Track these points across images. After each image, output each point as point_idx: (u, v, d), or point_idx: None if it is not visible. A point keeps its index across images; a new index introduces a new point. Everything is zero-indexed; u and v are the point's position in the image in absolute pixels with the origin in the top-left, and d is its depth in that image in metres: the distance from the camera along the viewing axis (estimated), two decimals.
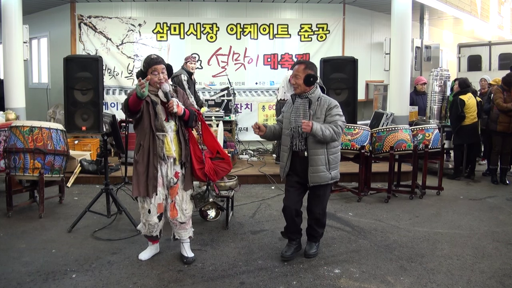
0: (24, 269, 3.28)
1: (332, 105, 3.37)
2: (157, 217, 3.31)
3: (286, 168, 3.50)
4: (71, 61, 6.92)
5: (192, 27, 8.39)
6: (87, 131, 6.96)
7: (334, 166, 3.43)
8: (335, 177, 3.45)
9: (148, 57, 3.26)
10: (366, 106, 9.39)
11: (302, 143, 3.40)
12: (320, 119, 3.35)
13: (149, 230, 3.37)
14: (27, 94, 7.52)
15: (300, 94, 3.43)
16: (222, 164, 3.50)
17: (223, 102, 7.61)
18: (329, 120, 3.34)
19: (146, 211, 3.30)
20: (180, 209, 3.33)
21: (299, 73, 3.39)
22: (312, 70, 3.40)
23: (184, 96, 3.43)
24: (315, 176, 3.37)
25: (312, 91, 3.41)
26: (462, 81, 6.43)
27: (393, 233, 4.14)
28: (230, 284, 3.09)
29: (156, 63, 3.19)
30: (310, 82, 3.36)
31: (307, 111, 3.38)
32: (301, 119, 3.37)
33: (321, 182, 3.38)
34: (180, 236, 3.44)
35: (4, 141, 4.83)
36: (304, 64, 3.44)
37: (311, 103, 3.39)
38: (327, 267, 3.37)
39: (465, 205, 5.17)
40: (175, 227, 3.42)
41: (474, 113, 6.27)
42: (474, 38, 12.92)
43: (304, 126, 3.23)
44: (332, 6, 8.69)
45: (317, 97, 3.41)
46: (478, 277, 3.22)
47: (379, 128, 5.56)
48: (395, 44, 7.37)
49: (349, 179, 6.08)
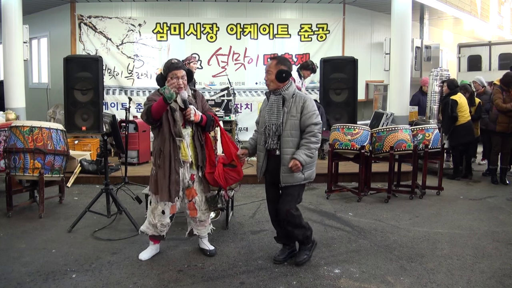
0: (24, 269, 3.27)
1: (308, 104, 3.23)
2: (169, 217, 3.43)
3: (263, 168, 3.38)
4: (71, 61, 6.93)
5: (192, 27, 8.39)
6: (87, 131, 6.97)
7: (309, 166, 3.27)
8: (308, 177, 3.31)
9: (168, 61, 3.26)
10: (366, 106, 9.39)
11: (274, 141, 3.28)
12: (295, 117, 3.21)
13: (160, 230, 3.45)
14: (27, 94, 7.52)
15: (274, 91, 3.31)
16: (232, 173, 3.46)
17: (223, 102, 7.62)
18: (305, 122, 3.20)
19: (160, 212, 3.38)
20: (199, 209, 3.47)
21: (271, 69, 3.26)
22: (285, 65, 3.26)
23: (203, 99, 3.46)
24: (287, 176, 3.24)
25: (286, 88, 3.28)
26: (450, 82, 6.39)
27: (393, 233, 4.14)
28: (230, 284, 3.09)
29: (176, 68, 3.20)
30: (282, 78, 3.23)
31: (281, 109, 3.26)
32: (275, 117, 3.26)
33: (293, 182, 3.25)
34: (199, 232, 3.58)
35: (4, 141, 4.83)
36: (276, 59, 3.31)
37: (285, 100, 3.26)
38: (327, 267, 3.36)
39: (465, 205, 5.17)
40: (194, 224, 3.56)
41: (467, 111, 6.24)
42: (474, 38, 12.93)
43: (294, 169, 3.14)
44: (332, 6, 8.70)
45: (291, 93, 3.27)
46: (478, 277, 3.22)
47: (379, 128, 5.56)
48: (395, 44, 7.38)
49: (349, 179, 6.08)
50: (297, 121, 3.23)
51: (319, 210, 4.89)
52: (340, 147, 5.18)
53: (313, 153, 3.21)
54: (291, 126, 3.23)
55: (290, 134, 3.23)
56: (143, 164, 6.57)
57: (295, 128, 3.23)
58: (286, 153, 3.23)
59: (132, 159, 6.50)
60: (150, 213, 3.45)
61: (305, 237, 3.40)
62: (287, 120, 3.23)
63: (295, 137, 3.24)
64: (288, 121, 3.23)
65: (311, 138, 3.19)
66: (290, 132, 3.23)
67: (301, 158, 3.15)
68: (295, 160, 3.15)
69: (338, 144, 5.19)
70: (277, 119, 3.26)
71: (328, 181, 5.38)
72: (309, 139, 3.19)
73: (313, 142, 3.19)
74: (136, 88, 8.37)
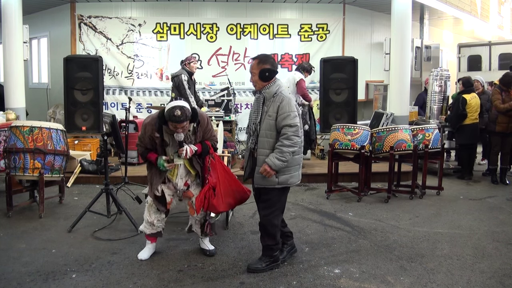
0: (24, 269, 3.28)
1: (284, 104, 3.10)
2: (164, 213, 3.53)
3: (248, 168, 3.34)
4: (71, 61, 6.93)
5: (192, 27, 8.39)
6: (87, 131, 6.97)
7: (285, 170, 3.14)
8: (283, 182, 3.17)
9: (171, 112, 3.07)
10: (366, 106, 9.39)
11: (253, 141, 3.23)
12: (271, 117, 3.12)
13: (157, 226, 3.51)
14: (27, 94, 7.52)
15: (259, 90, 3.25)
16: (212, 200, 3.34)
17: (223, 102, 7.61)
18: (280, 123, 3.10)
19: (155, 209, 3.47)
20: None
21: (253, 70, 3.19)
22: (267, 63, 3.17)
23: (207, 126, 3.42)
24: (259, 178, 3.17)
25: (267, 87, 3.18)
26: (466, 80, 6.44)
27: (393, 233, 4.14)
28: (230, 284, 3.09)
29: (178, 122, 3.10)
30: (266, 77, 3.15)
31: (261, 108, 3.20)
32: (255, 116, 3.22)
33: (266, 185, 3.17)
34: (198, 232, 3.61)
35: (4, 141, 4.83)
36: (257, 59, 3.23)
37: (265, 99, 3.19)
38: (327, 267, 3.36)
39: (465, 205, 5.17)
40: (194, 224, 3.60)
41: (476, 113, 6.27)
42: (474, 38, 12.92)
43: (265, 174, 3.08)
44: (332, 6, 8.69)
45: (272, 93, 3.16)
46: (478, 277, 3.22)
47: (379, 128, 5.56)
48: (395, 44, 7.37)
49: (349, 179, 6.08)
50: (272, 121, 3.13)
51: (319, 210, 4.89)
52: (340, 147, 5.18)
53: (286, 157, 3.07)
54: (267, 126, 3.15)
55: (265, 135, 3.16)
56: (143, 164, 6.55)
57: (270, 129, 3.14)
58: (260, 153, 3.17)
59: (132, 159, 6.49)
60: (146, 211, 3.53)
61: (269, 249, 3.29)
62: (264, 119, 3.16)
63: (271, 138, 3.14)
64: (264, 121, 3.16)
65: (283, 141, 3.07)
66: (265, 132, 3.15)
67: (270, 162, 3.06)
68: (265, 164, 3.09)
69: (338, 144, 5.19)
70: (256, 118, 3.22)
71: (328, 181, 5.38)
72: (282, 142, 3.08)
73: (286, 146, 3.06)
74: (136, 88, 8.36)
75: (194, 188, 3.50)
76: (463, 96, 6.25)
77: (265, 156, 3.13)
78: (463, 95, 6.28)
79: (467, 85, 6.36)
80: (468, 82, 6.40)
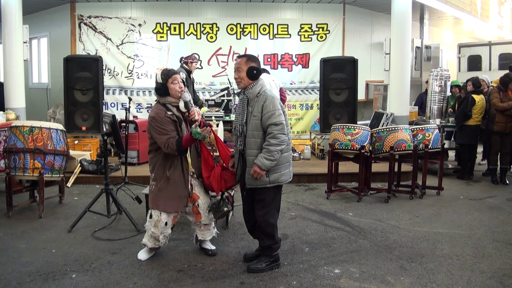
0: (24, 269, 3.28)
1: (267, 103, 3.10)
2: (170, 228, 3.47)
3: (239, 170, 3.30)
4: (71, 61, 6.93)
5: (192, 27, 8.39)
6: (87, 131, 6.98)
7: (275, 169, 3.16)
8: (274, 181, 3.18)
9: (164, 69, 3.34)
10: (366, 106, 9.39)
11: (241, 142, 3.23)
12: (257, 117, 3.12)
13: (162, 242, 3.45)
14: (27, 94, 7.52)
15: (242, 90, 3.24)
16: (229, 174, 3.41)
17: (223, 102, 7.62)
18: (265, 122, 3.10)
19: (163, 224, 3.39)
20: (203, 213, 3.47)
21: (241, 66, 3.16)
22: (255, 62, 3.19)
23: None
24: (250, 178, 3.16)
25: (250, 87, 3.17)
26: (475, 80, 6.44)
27: (393, 233, 4.14)
28: (230, 284, 3.09)
29: (175, 73, 3.31)
30: (253, 75, 3.14)
31: (245, 109, 3.19)
32: (241, 117, 3.21)
33: (257, 185, 3.17)
34: (204, 237, 3.59)
35: (4, 141, 4.83)
36: (245, 57, 3.24)
37: (249, 99, 3.19)
38: (327, 267, 3.36)
39: (465, 205, 5.17)
40: (199, 229, 3.56)
41: (480, 116, 6.27)
42: (474, 38, 12.92)
43: (255, 176, 3.09)
44: (332, 6, 8.69)
45: (256, 93, 3.16)
46: (478, 277, 3.22)
47: (379, 128, 5.56)
48: (395, 44, 7.37)
49: (349, 179, 6.09)
50: (258, 121, 3.13)
51: (319, 210, 4.89)
52: (340, 147, 5.18)
53: (275, 156, 3.07)
54: (253, 126, 3.15)
55: (252, 135, 3.16)
56: (143, 164, 6.56)
57: (257, 129, 3.14)
58: (249, 154, 3.16)
59: (132, 159, 6.50)
60: (152, 226, 3.41)
61: (269, 248, 3.31)
62: (250, 120, 3.16)
63: (258, 138, 3.14)
64: (250, 121, 3.15)
65: (270, 140, 3.07)
66: (252, 132, 3.15)
67: (259, 163, 3.07)
68: (254, 166, 3.10)
69: (338, 144, 5.19)
70: (242, 119, 3.22)
71: (328, 181, 5.38)
72: (268, 142, 3.08)
73: (273, 145, 3.06)
74: (136, 88, 8.36)
75: (198, 191, 3.46)
76: (473, 96, 6.25)
77: (254, 156, 3.13)
78: (472, 95, 6.27)
79: (476, 85, 6.37)
80: (477, 82, 6.41)
